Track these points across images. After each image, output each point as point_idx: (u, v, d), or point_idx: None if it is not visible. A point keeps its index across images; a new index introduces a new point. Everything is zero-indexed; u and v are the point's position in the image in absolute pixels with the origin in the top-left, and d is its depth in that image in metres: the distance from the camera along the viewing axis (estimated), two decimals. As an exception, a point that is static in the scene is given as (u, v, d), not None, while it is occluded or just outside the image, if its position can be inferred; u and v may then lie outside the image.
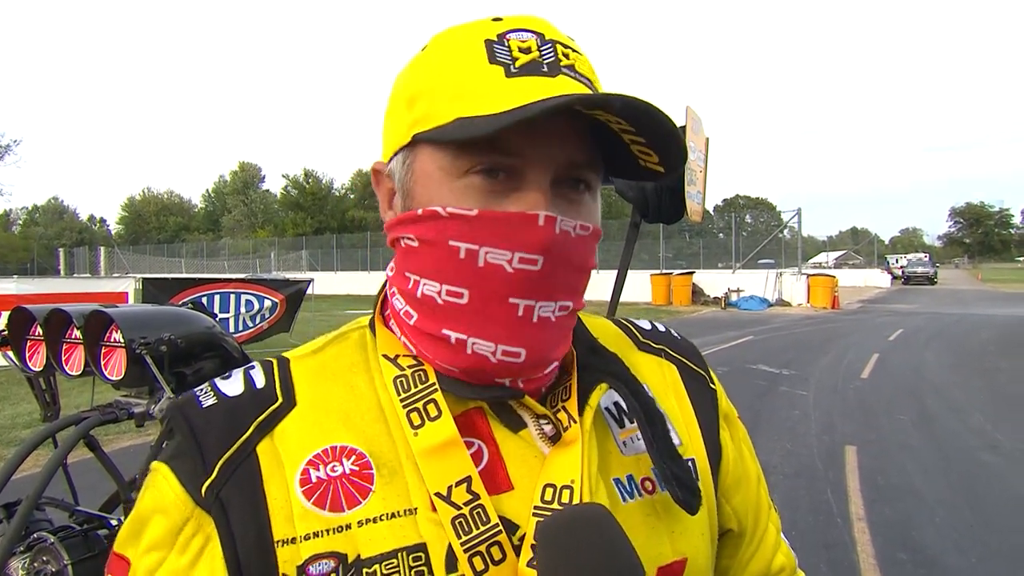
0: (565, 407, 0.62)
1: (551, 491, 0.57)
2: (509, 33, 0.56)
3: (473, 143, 0.53)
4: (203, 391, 0.61)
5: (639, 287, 23.66)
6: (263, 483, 0.56)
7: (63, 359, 1.62)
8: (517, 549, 0.55)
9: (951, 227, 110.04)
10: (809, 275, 24.69)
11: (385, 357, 0.62)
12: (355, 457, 0.57)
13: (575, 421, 0.61)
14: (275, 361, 0.64)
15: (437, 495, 0.55)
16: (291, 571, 0.53)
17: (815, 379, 9.16)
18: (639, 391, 0.64)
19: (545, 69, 0.54)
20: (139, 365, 1.60)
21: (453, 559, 0.54)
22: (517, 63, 0.54)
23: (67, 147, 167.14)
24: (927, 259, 51.15)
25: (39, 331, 1.61)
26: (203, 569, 0.54)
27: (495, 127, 0.50)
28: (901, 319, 18.53)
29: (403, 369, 0.61)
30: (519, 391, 0.60)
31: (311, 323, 12.72)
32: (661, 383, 0.71)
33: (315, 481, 0.56)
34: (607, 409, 0.66)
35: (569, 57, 0.56)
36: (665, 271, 26.25)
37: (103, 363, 1.65)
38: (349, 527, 0.55)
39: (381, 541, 0.54)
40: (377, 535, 0.55)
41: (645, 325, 0.78)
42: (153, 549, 0.56)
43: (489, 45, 0.55)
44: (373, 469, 0.57)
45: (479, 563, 0.54)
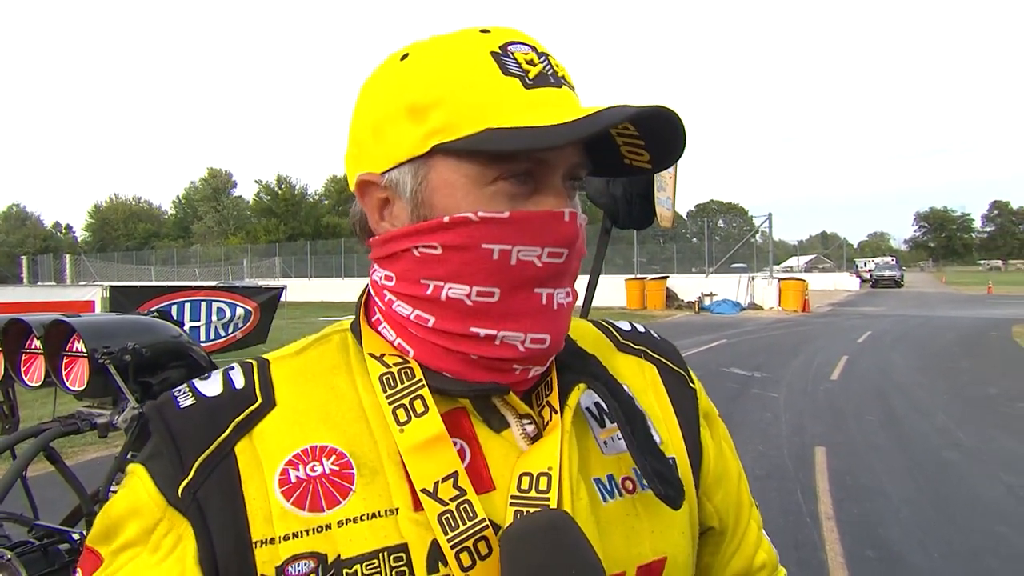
0: (548, 402, 0.63)
1: (528, 479, 0.58)
2: (510, 46, 0.58)
3: (508, 154, 0.55)
4: (181, 391, 0.61)
5: (613, 292, 23.80)
6: (241, 483, 0.56)
7: (22, 370, 1.59)
8: None
9: (916, 231, 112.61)
10: (780, 279, 25.08)
11: (371, 355, 0.62)
12: (335, 457, 0.57)
13: (556, 412, 0.61)
14: (255, 362, 0.64)
15: (423, 491, 0.55)
16: (270, 572, 0.53)
17: (786, 381, 9.30)
18: (618, 391, 0.65)
19: (552, 81, 0.58)
20: (102, 375, 1.57)
21: (436, 558, 0.54)
22: (530, 75, 0.57)
23: (29, 152, 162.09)
24: (894, 263, 52.21)
25: (-3, 341, 1.58)
26: (172, 566, 0.54)
27: (563, 140, 0.52)
28: (869, 322, 18.91)
29: (389, 367, 0.61)
30: (505, 387, 0.61)
31: (284, 331, 12.54)
32: (641, 383, 0.72)
33: (294, 481, 0.56)
34: (587, 409, 0.67)
35: (560, 68, 0.60)
36: (639, 276, 26.47)
37: (65, 373, 1.62)
38: (329, 527, 0.55)
39: (361, 541, 0.54)
40: (357, 535, 0.55)
41: (624, 326, 0.79)
42: (127, 547, 0.56)
43: (497, 58, 0.57)
44: (354, 469, 0.57)
45: (466, 559, 0.54)
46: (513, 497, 0.57)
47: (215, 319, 10.35)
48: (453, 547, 0.54)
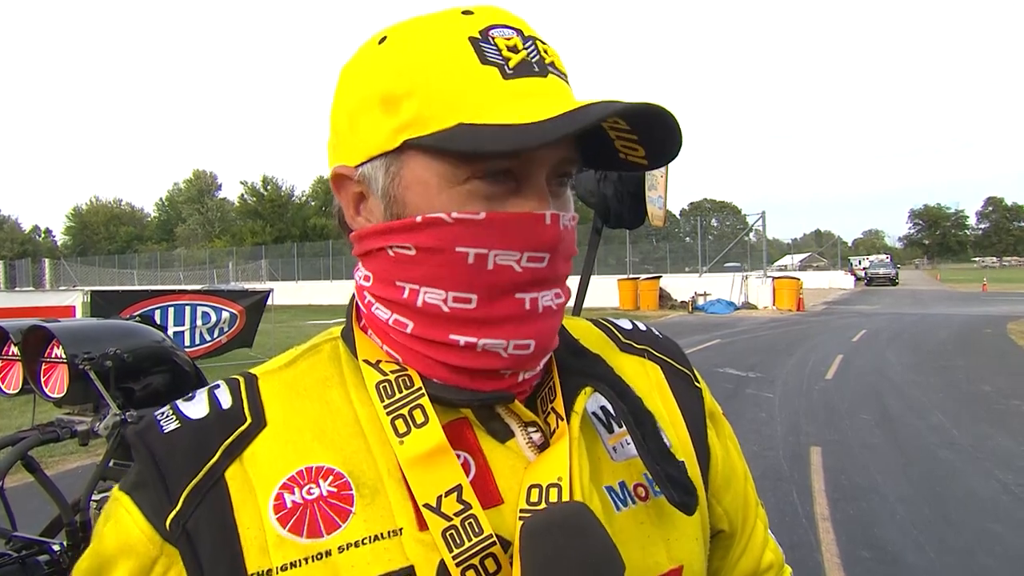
0: (553, 408, 0.60)
1: (536, 492, 0.54)
2: (491, 30, 0.54)
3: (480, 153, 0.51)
4: (164, 415, 0.57)
5: (606, 292, 23.73)
6: (233, 512, 0.52)
7: (-1, 377, 1.56)
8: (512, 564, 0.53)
9: (911, 229, 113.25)
10: (774, 278, 25.12)
11: (367, 362, 0.59)
12: (332, 477, 0.54)
13: (563, 419, 0.58)
14: (242, 379, 0.60)
15: (426, 506, 0.52)
16: None
17: (781, 381, 9.30)
18: (625, 393, 0.62)
19: (536, 69, 0.54)
20: (82, 381, 1.55)
21: None
22: (510, 64, 0.53)
23: (5, 153, 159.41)
24: (889, 260, 52.51)
25: (-28, 348, 1.55)
26: None
27: (540, 140, 0.48)
28: (864, 320, 18.96)
29: (386, 374, 0.58)
30: (508, 394, 0.58)
31: (272, 335, 12.40)
32: (646, 384, 0.69)
33: (290, 506, 0.52)
34: (594, 414, 0.64)
35: (549, 53, 0.56)
36: (632, 276, 26.46)
37: (44, 380, 1.59)
38: (329, 553, 0.51)
39: (365, 567, 0.51)
40: (360, 560, 0.51)
41: (626, 325, 0.76)
42: None
43: (476, 44, 0.53)
44: (353, 489, 0.54)
45: None
46: (523, 511, 0.54)
47: (200, 323, 10.21)
48: (459, 564, 0.51)
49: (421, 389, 0.56)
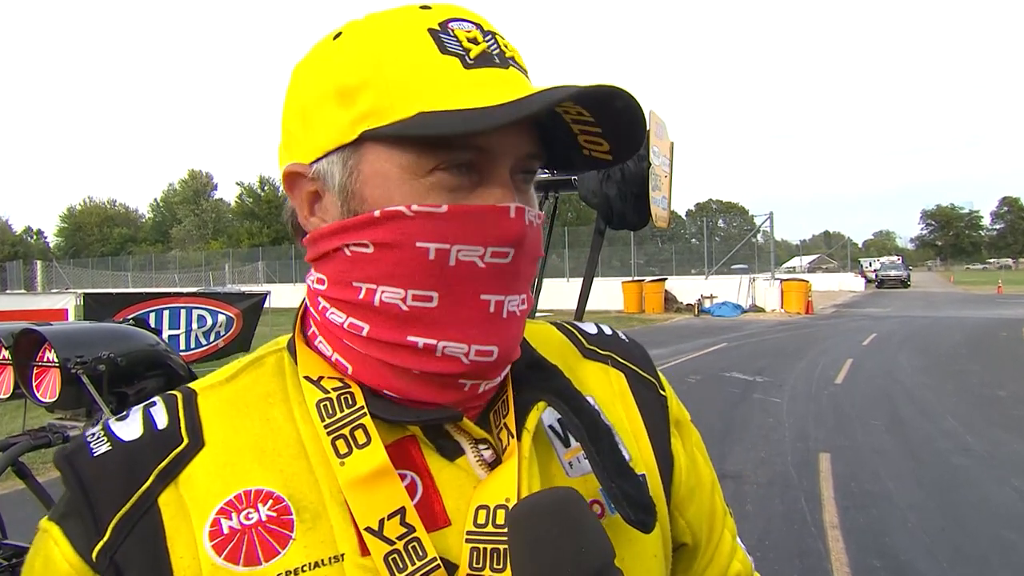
0: (505, 424, 0.58)
1: (484, 513, 0.53)
2: (451, 23, 0.53)
3: (443, 139, 0.50)
4: (95, 436, 0.55)
5: (610, 294, 23.65)
6: (166, 540, 0.50)
7: (-12, 382, 1.54)
8: None
9: (923, 229, 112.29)
10: (782, 280, 24.97)
11: (307, 379, 0.57)
12: (272, 502, 0.52)
13: (513, 436, 0.56)
14: (180, 395, 0.58)
15: (368, 530, 0.50)
16: None
17: (789, 386, 9.21)
18: (581, 408, 0.59)
19: (497, 61, 0.53)
20: (75, 386, 1.53)
21: None
22: (471, 54, 0.52)
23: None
24: (900, 262, 52.14)
25: (-39, 352, 1.53)
26: None
27: (499, 121, 0.47)
28: (875, 323, 18.82)
29: (327, 392, 0.55)
30: (457, 413, 0.55)
31: (268, 338, 11.98)
32: (608, 392, 0.68)
33: (227, 532, 0.50)
34: (551, 427, 0.62)
35: (509, 48, 0.55)
36: (637, 278, 26.39)
37: (35, 384, 1.57)
38: None
39: None
40: None
41: (591, 329, 0.74)
42: None
43: (435, 35, 0.52)
44: (293, 514, 0.52)
45: None
46: (469, 533, 0.52)
47: (195, 327, 10.07)
48: None
49: (363, 408, 0.54)
